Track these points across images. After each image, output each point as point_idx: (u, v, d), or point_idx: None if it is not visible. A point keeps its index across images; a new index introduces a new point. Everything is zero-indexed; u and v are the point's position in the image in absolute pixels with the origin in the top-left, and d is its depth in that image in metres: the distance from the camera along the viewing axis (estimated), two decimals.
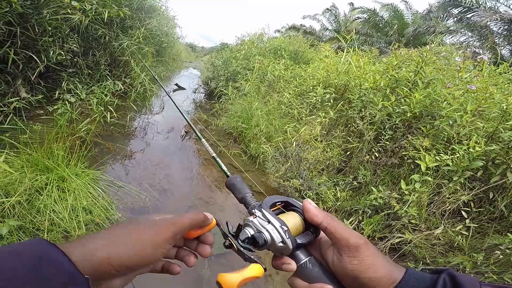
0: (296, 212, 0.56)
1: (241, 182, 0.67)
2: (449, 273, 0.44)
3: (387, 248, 2.68)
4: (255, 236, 0.51)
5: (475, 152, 2.48)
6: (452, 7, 10.59)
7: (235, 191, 0.66)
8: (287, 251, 0.51)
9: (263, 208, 0.54)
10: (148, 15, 7.29)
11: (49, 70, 4.30)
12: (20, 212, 2.09)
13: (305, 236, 0.54)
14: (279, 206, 0.58)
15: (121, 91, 5.40)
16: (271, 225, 0.51)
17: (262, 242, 0.50)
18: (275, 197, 0.59)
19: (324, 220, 0.51)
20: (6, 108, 3.44)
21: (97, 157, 3.34)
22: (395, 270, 0.47)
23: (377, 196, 2.90)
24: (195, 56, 26.97)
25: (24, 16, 3.68)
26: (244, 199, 0.63)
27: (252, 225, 0.53)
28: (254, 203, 0.60)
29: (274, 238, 0.50)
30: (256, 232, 0.52)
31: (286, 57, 7.26)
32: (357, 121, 3.63)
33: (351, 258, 0.47)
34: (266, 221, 0.52)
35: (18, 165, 2.40)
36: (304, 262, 0.51)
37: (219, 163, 0.83)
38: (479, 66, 3.63)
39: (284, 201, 0.59)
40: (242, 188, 0.66)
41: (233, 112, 5.66)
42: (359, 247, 0.47)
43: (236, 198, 0.66)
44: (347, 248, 0.47)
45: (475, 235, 2.55)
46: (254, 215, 0.54)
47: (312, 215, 0.52)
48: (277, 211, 0.57)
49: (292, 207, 0.58)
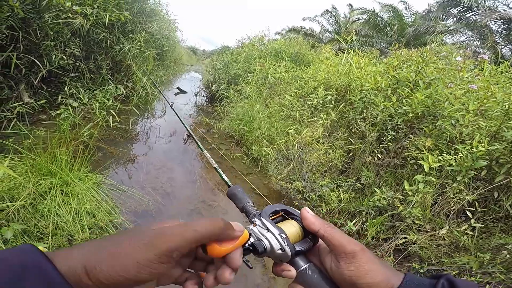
0: (295, 220, 0.58)
1: (242, 192, 0.69)
2: (448, 279, 0.44)
3: (391, 249, 2.67)
4: (254, 244, 0.51)
5: (479, 151, 2.47)
6: (451, 7, 10.59)
7: (236, 201, 0.68)
8: (286, 258, 0.52)
9: (262, 216, 0.56)
10: (149, 19, 7.33)
11: (51, 75, 4.32)
12: (24, 216, 2.11)
13: (304, 243, 0.55)
14: (279, 215, 0.60)
15: (123, 95, 5.42)
16: (270, 232, 0.53)
17: (261, 249, 0.51)
18: (274, 206, 0.60)
19: (321, 228, 0.52)
20: (9, 113, 3.46)
21: (100, 162, 3.35)
22: (393, 276, 0.47)
23: (381, 197, 2.89)
24: (196, 60, 27.04)
25: (26, 21, 3.70)
26: (244, 208, 0.65)
27: (252, 233, 0.53)
28: (255, 212, 0.62)
29: (273, 245, 0.51)
30: (255, 240, 0.52)
31: (287, 59, 7.27)
32: (359, 123, 3.62)
33: (348, 264, 0.47)
34: (265, 229, 0.53)
35: (22, 170, 2.41)
36: (304, 269, 0.52)
37: (220, 174, 0.86)
38: (480, 65, 3.63)
39: (283, 210, 0.60)
40: (243, 198, 0.68)
41: (235, 115, 5.67)
42: (356, 254, 0.47)
43: (237, 207, 0.68)
44: (344, 255, 0.48)
45: (481, 235, 2.53)
46: (254, 224, 0.55)
47: (310, 223, 0.53)
48: (277, 220, 0.58)
49: (291, 215, 0.59)
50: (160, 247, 0.39)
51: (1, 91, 3.57)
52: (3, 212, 2.03)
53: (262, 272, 2.50)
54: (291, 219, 0.58)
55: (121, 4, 5.48)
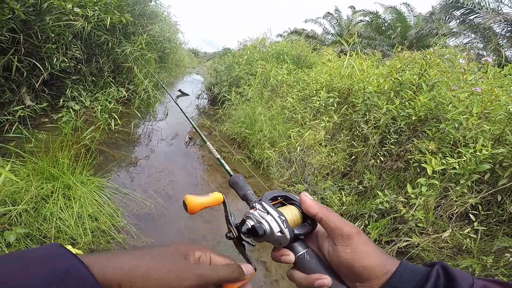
0: (294, 205, 0.59)
1: (243, 181, 0.71)
2: (442, 265, 0.45)
3: (394, 252, 2.66)
4: (255, 227, 0.53)
5: (482, 155, 2.45)
6: (454, 9, 10.58)
7: (237, 189, 0.69)
8: (285, 241, 0.52)
9: (262, 201, 0.57)
10: (150, 21, 7.36)
11: (53, 78, 4.33)
12: (27, 220, 2.11)
13: (303, 227, 0.56)
14: (278, 201, 0.61)
15: (124, 98, 5.42)
16: (270, 215, 0.53)
17: (261, 232, 0.52)
18: (275, 192, 0.61)
19: (319, 211, 0.53)
20: (11, 116, 3.47)
21: (102, 165, 3.35)
22: (389, 261, 0.48)
23: (383, 200, 2.87)
24: (198, 62, 27.15)
25: (27, 23, 3.70)
26: (245, 196, 0.66)
27: (252, 217, 0.55)
28: (255, 199, 0.63)
29: (273, 228, 0.52)
30: (256, 223, 0.54)
31: (289, 62, 7.27)
32: (361, 125, 3.61)
33: (344, 247, 0.48)
34: (265, 213, 0.54)
35: (24, 173, 2.41)
36: (302, 254, 0.53)
37: (222, 163, 0.87)
38: (484, 68, 3.62)
39: (282, 196, 0.61)
40: (244, 185, 0.69)
41: (237, 117, 5.66)
42: (352, 236, 0.48)
43: (238, 195, 0.68)
44: (341, 237, 0.49)
45: (484, 237, 2.52)
46: (255, 208, 0.57)
47: (308, 206, 0.54)
48: (277, 205, 0.59)
49: (290, 201, 0.60)
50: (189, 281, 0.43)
51: (3, 94, 3.58)
52: (6, 216, 2.03)
53: (264, 276, 2.49)
54: (290, 205, 0.59)
55: (122, 6, 5.51)
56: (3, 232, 1.92)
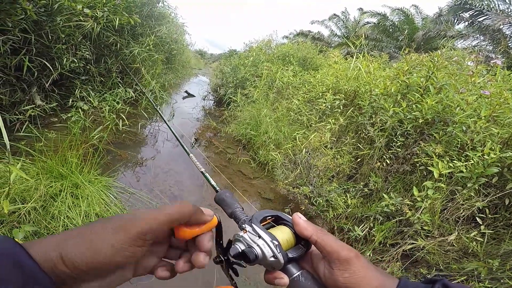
0: (286, 226, 0.56)
1: (231, 197, 0.67)
2: (444, 283, 0.43)
3: (399, 255, 2.64)
4: (245, 252, 0.50)
5: (490, 158, 2.43)
6: (462, 11, 10.48)
7: (225, 207, 0.66)
8: (279, 266, 0.51)
9: (253, 222, 0.54)
10: (158, 23, 7.41)
11: (62, 78, 4.39)
12: (35, 218, 2.13)
13: (296, 250, 0.53)
14: (269, 221, 0.58)
15: (132, 98, 5.47)
16: (262, 240, 0.51)
17: (253, 257, 0.50)
18: (265, 212, 0.58)
19: (314, 233, 0.51)
20: (22, 116, 3.52)
21: (110, 165, 3.38)
22: (388, 281, 0.46)
23: (389, 203, 2.86)
24: (204, 63, 27.24)
25: (39, 24, 3.75)
26: (233, 214, 0.63)
27: (242, 240, 0.52)
28: (244, 217, 0.60)
29: (265, 253, 0.50)
30: (246, 247, 0.51)
31: (295, 64, 7.26)
32: (367, 128, 3.59)
33: (342, 271, 0.47)
34: (256, 236, 0.52)
35: (33, 172, 2.45)
36: (296, 276, 0.51)
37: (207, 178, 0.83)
38: (493, 70, 3.58)
39: (274, 215, 0.59)
40: (232, 203, 0.65)
41: (242, 119, 5.68)
42: (350, 260, 0.47)
43: (226, 213, 0.65)
44: (338, 261, 0.47)
45: (490, 241, 2.49)
46: (245, 230, 0.54)
47: (302, 229, 0.52)
48: (268, 226, 0.57)
49: (282, 221, 0.58)
50: (133, 229, 0.40)
51: (14, 94, 3.63)
52: (15, 214, 2.06)
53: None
54: (282, 225, 0.57)
55: (130, 7, 5.56)
56: (12, 229, 1.95)
